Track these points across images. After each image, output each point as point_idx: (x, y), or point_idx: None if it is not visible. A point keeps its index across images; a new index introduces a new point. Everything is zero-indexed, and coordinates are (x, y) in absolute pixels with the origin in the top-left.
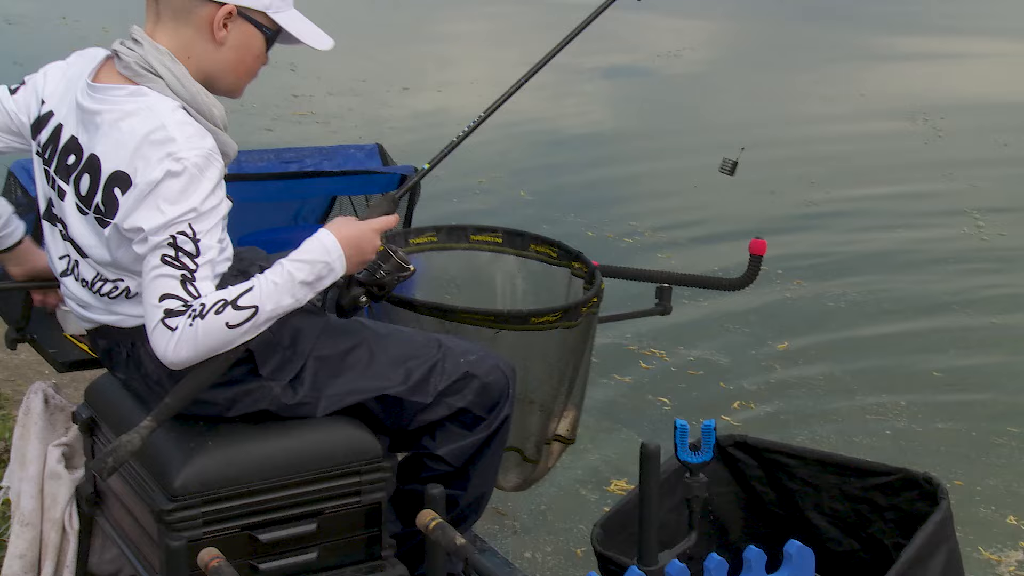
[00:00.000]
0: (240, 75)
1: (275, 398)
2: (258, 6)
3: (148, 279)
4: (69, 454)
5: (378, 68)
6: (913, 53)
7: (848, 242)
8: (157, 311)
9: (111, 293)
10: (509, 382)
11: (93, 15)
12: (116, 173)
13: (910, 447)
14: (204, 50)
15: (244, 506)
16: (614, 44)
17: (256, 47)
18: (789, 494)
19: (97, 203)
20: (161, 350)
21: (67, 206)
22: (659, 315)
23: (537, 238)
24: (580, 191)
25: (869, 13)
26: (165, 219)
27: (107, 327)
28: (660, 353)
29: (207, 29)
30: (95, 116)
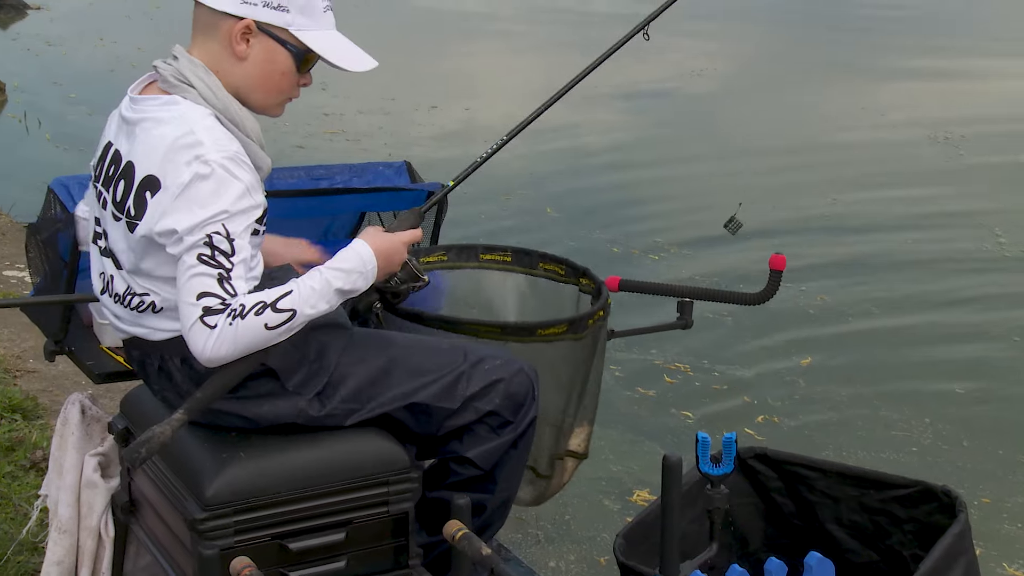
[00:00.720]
0: (269, 92)
1: (302, 411)
2: (279, 23)
3: (184, 278)
4: (105, 463)
5: (407, 87)
6: (934, 71)
7: (872, 259)
8: (195, 309)
9: (139, 307)
10: (533, 384)
11: (129, 36)
12: (147, 177)
13: (936, 463)
14: (229, 64)
15: (275, 515)
16: (638, 62)
17: (282, 63)
18: (809, 506)
19: (128, 207)
20: (199, 348)
21: (107, 215)
22: (680, 329)
23: (545, 256)
24: (605, 207)
25: (891, 31)
26: (198, 220)
27: (138, 339)
28: (684, 367)
29: (228, 44)
30: (134, 126)
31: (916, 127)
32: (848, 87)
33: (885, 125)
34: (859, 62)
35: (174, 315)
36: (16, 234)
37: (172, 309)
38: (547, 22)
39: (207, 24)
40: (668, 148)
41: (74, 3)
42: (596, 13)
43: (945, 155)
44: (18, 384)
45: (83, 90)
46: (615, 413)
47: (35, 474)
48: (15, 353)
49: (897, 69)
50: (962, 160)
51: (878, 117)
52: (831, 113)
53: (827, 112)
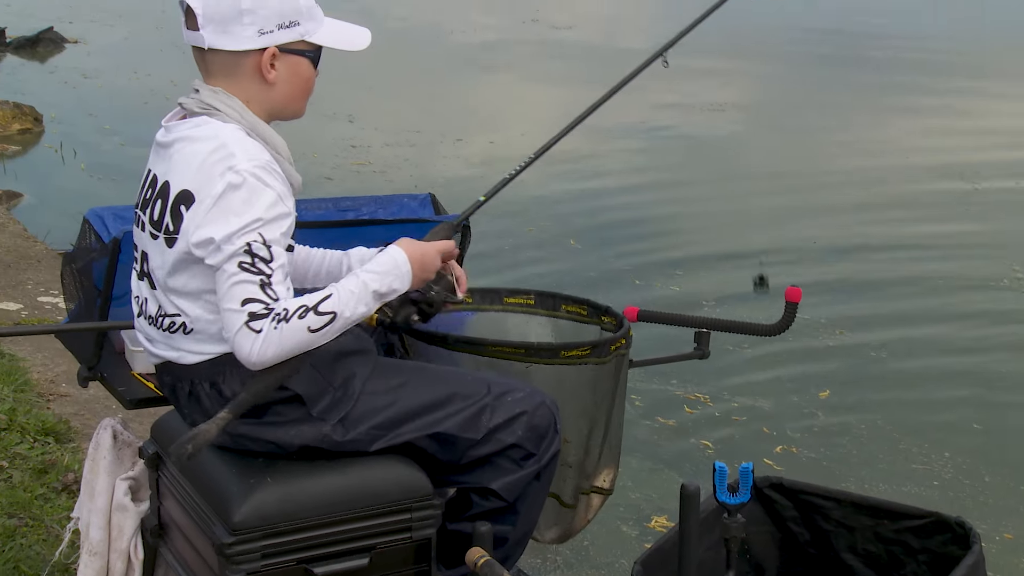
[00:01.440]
0: (298, 99)
1: (326, 436)
2: (295, 37)
3: (227, 286)
4: (135, 487)
5: (432, 119)
6: (953, 109)
7: (892, 294)
8: (240, 316)
9: (170, 328)
10: (555, 417)
11: (162, 69)
12: (182, 192)
13: (957, 498)
14: (261, 92)
15: (300, 540)
16: (656, 97)
17: (305, 71)
18: (824, 535)
19: (166, 223)
20: (245, 353)
21: (145, 236)
22: (698, 359)
23: (568, 299)
24: (627, 240)
25: (908, 68)
26: (234, 228)
27: (170, 363)
28: (704, 398)
29: (257, 75)
30: (168, 148)
31: (935, 163)
32: (866, 121)
33: (905, 160)
34: (877, 98)
35: (203, 337)
36: (51, 261)
37: (201, 331)
38: (570, 57)
39: (225, 65)
40: (689, 183)
41: (110, 38)
42: (619, 48)
43: (962, 190)
44: (51, 408)
45: (117, 122)
46: (635, 441)
47: (67, 496)
48: (48, 377)
49: (914, 105)
50: (979, 195)
51: (897, 153)
52: (849, 147)
53: (845, 146)
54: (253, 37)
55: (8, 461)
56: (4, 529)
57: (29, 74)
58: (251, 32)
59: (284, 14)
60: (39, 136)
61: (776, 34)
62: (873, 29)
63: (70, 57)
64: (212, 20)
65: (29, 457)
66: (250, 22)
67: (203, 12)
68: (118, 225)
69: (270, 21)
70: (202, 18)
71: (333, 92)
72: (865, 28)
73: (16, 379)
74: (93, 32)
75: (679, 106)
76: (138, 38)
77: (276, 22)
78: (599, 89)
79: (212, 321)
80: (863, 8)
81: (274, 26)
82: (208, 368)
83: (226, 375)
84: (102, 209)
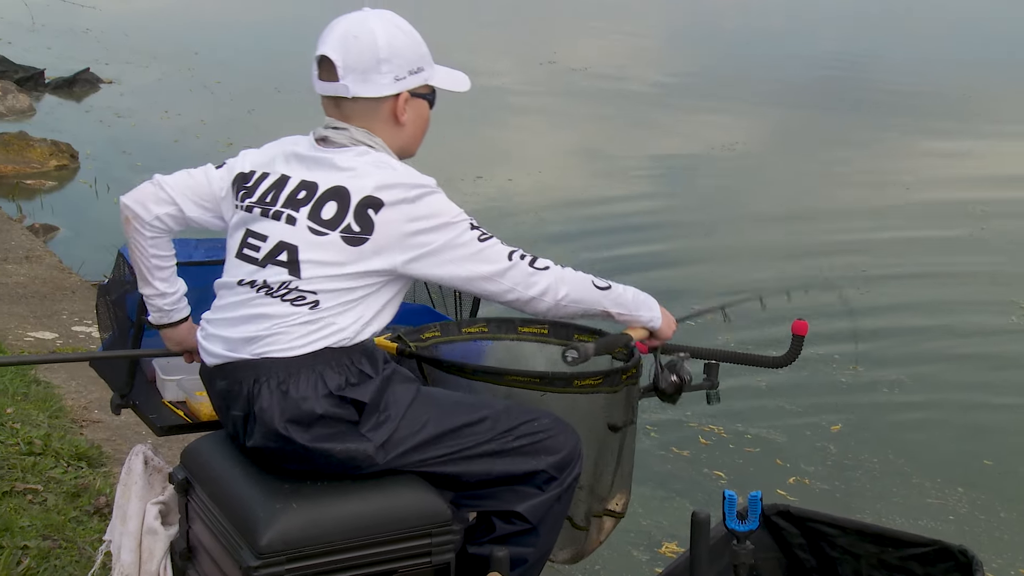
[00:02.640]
0: (419, 139)
1: (368, 455)
2: (421, 82)
3: (482, 255)
4: (165, 512)
5: (453, 157)
6: (956, 150)
7: (903, 331)
8: (520, 263)
9: (296, 300)
10: (578, 445)
11: (192, 109)
12: (367, 199)
13: (972, 533)
14: (392, 133)
15: (324, 564)
16: (669, 137)
17: (425, 112)
18: (830, 562)
19: (348, 223)
20: (542, 289)
21: (296, 231)
22: (707, 390)
23: (581, 329)
24: (644, 274)
25: (913, 109)
26: (454, 212)
27: (236, 365)
28: (719, 429)
29: (391, 118)
30: (329, 162)
31: (942, 200)
32: (874, 160)
33: (910, 197)
34: (883, 138)
35: (319, 324)
36: (85, 292)
37: (323, 318)
38: (584, 97)
39: (365, 111)
40: (702, 220)
41: (143, 79)
42: (629, 90)
43: (971, 229)
44: (84, 434)
45: (149, 159)
46: (648, 471)
47: (99, 519)
48: (82, 404)
49: (920, 145)
50: (987, 233)
51: (904, 190)
52: (860, 184)
53: (856, 183)
54: (390, 84)
55: (43, 485)
56: (39, 551)
57: (66, 113)
58: (388, 79)
59: (413, 61)
60: (75, 172)
61: (779, 77)
62: (873, 72)
63: (105, 97)
64: (353, 70)
65: (63, 481)
66: (387, 70)
67: (343, 63)
68: None
69: (403, 68)
70: (342, 69)
71: None
72: (864, 71)
73: (51, 406)
74: (127, 73)
75: (693, 145)
76: (170, 79)
77: (408, 68)
78: (611, 127)
79: (338, 313)
80: (864, 53)
81: (406, 72)
82: (282, 365)
83: (328, 367)
84: None
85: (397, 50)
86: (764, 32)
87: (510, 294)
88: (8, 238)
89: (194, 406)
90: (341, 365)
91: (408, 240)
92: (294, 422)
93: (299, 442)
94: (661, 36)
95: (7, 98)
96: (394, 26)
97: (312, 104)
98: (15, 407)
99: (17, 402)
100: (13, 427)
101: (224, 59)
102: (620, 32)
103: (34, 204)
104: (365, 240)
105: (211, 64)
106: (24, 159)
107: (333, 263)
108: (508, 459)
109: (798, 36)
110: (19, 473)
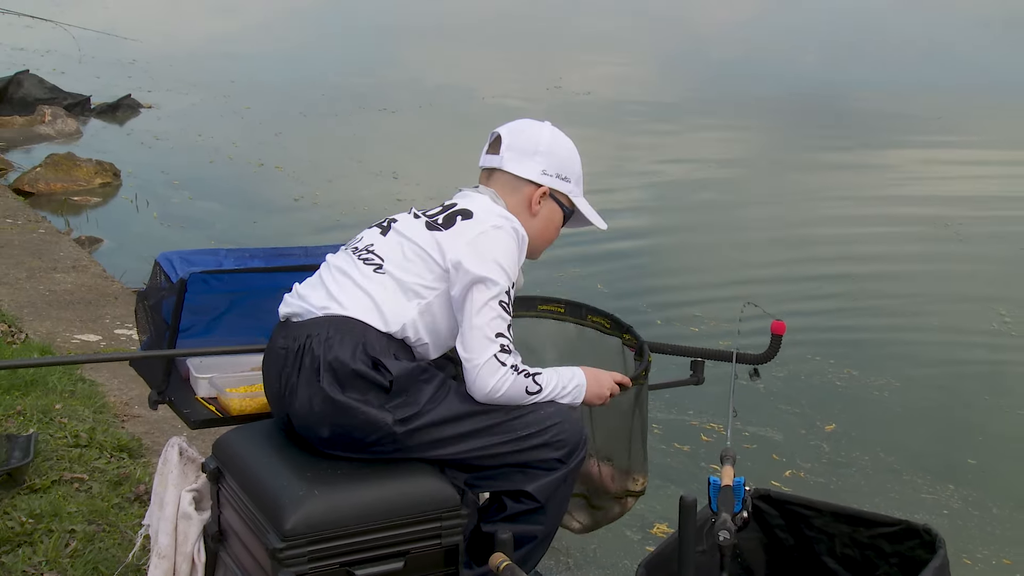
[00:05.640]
0: (545, 240)
1: (387, 427)
2: (564, 190)
3: (482, 311)
4: (199, 498)
5: (467, 176)
6: (929, 160)
7: (896, 335)
8: (493, 344)
9: (372, 265)
10: (583, 432)
11: (223, 132)
12: (464, 210)
13: (966, 527)
14: (523, 216)
15: (343, 546)
16: (660, 154)
17: (557, 221)
18: (807, 541)
19: (439, 220)
20: (484, 379)
21: (409, 219)
22: (694, 385)
23: (594, 310)
24: (651, 285)
25: (889, 125)
26: (498, 267)
27: (302, 323)
28: (719, 428)
29: (526, 202)
30: (467, 201)
31: (921, 214)
32: (853, 175)
33: (891, 211)
34: (862, 154)
35: (392, 292)
36: (126, 298)
37: (389, 287)
38: (589, 120)
39: (507, 184)
40: (699, 231)
41: (180, 104)
42: (630, 111)
43: (950, 240)
44: (125, 427)
45: (185, 178)
46: (650, 464)
47: (139, 506)
48: (123, 400)
49: (897, 159)
50: (964, 244)
51: (884, 203)
52: (842, 197)
53: (838, 196)
54: (536, 173)
55: (88, 474)
56: (85, 534)
57: (110, 135)
58: (537, 169)
59: (563, 169)
60: (117, 189)
61: (764, 98)
62: (850, 93)
63: (145, 121)
64: (512, 149)
65: (106, 471)
66: (540, 161)
67: (508, 142)
68: (185, 267)
69: (552, 168)
70: (505, 146)
71: (379, 153)
72: (841, 92)
73: (96, 402)
74: (167, 99)
75: (687, 162)
76: (203, 105)
77: (556, 171)
78: (613, 149)
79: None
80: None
81: (554, 173)
82: (340, 323)
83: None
84: (171, 253)
85: (555, 153)
86: (750, 57)
87: (463, 350)
88: (57, 249)
89: (225, 401)
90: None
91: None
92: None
93: (340, 401)
94: (653, 63)
95: (56, 122)
96: (563, 137)
97: (334, 126)
98: (63, 403)
99: (65, 399)
100: (61, 422)
101: (256, 86)
102: (616, 61)
103: (81, 219)
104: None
105: (244, 91)
106: (71, 177)
107: (423, 240)
108: (519, 449)
109: (779, 60)
110: (67, 463)
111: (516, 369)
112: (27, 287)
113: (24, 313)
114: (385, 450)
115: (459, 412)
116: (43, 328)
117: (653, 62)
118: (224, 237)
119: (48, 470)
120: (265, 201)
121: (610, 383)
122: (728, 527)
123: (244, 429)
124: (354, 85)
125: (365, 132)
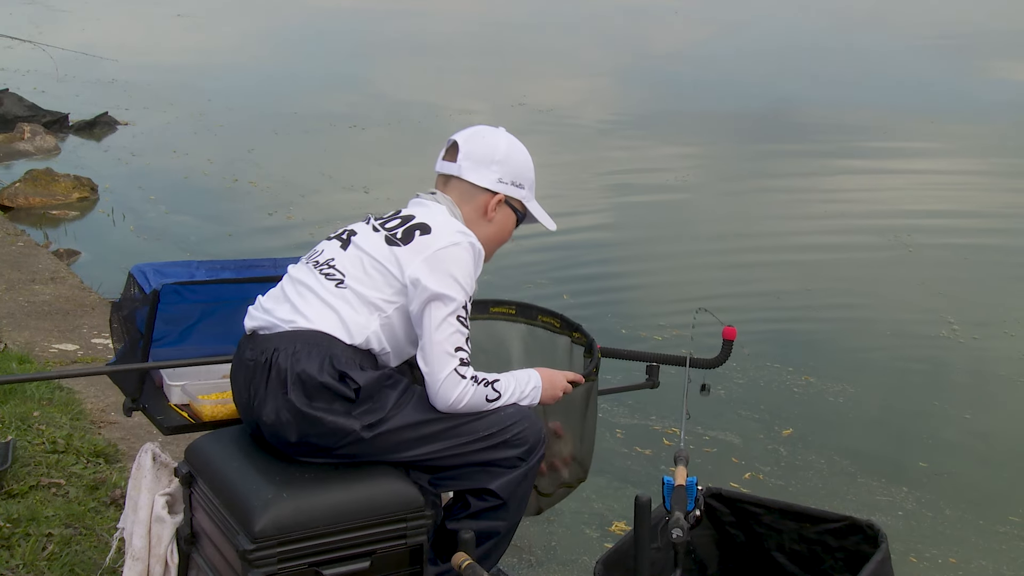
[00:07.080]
0: (496, 243)
1: (354, 433)
2: (519, 196)
3: (442, 325)
4: (172, 502)
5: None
6: (877, 169)
7: (849, 348)
8: (452, 359)
9: (332, 280)
10: (542, 432)
11: (198, 149)
12: (422, 224)
13: (919, 527)
14: (478, 224)
15: (312, 546)
16: (621, 166)
17: (510, 225)
18: (757, 537)
19: (398, 235)
20: (450, 395)
21: (375, 234)
22: (649, 388)
23: (544, 310)
24: (616, 294)
25: (839, 138)
26: (459, 282)
27: (268, 336)
28: (679, 432)
29: (482, 209)
30: (419, 210)
31: (873, 225)
32: (807, 185)
33: (843, 223)
34: (813, 166)
35: (354, 306)
36: (103, 309)
37: (351, 301)
38: (553, 136)
39: (464, 192)
40: (665, 242)
41: (156, 121)
42: (594, 128)
43: (898, 248)
44: (102, 433)
45: (160, 193)
46: (609, 465)
47: (114, 509)
48: (100, 407)
49: (846, 170)
50: (912, 253)
51: (839, 217)
52: (795, 208)
53: (791, 207)
54: (492, 181)
55: (65, 479)
56: (62, 537)
57: (87, 151)
58: (493, 177)
59: (519, 176)
60: (94, 203)
61: (716, 117)
62: (801, 108)
63: (121, 137)
64: (469, 158)
65: (83, 475)
66: (496, 170)
67: (466, 150)
68: (158, 279)
69: (508, 175)
70: (462, 154)
71: (350, 168)
72: (792, 107)
73: (73, 409)
74: (144, 117)
75: (644, 176)
76: (178, 122)
77: (512, 178)
78: (578, 164)
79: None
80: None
81: (509, 181)
82: (307, 337)
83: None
84: (145, 265)
85: (510, 161)
86: (706, 75)
87: (424, 364)
88: (36, 262)
89: (197, 408)
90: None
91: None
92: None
93: (307, 413)
94: (614, 80)
95: (35, 139)
96: (518, 144)
97: (305, 143)
98: (41, 411)
99: (43, 406)
100: (39, 428)
101: (231, 105)
102: (579, 77)
103: (59, 231)
104: (402, 249)
105: (219, 109)
106: (50, 192)
107: (379, 253)
108: (481, 448)
109: (733, 78)
110: (44, 469)
111: (476, 380)
112: (6, 298)
113: (3, 323)
114: (352, 454)
115: (423, 417)
116: (22, 338)
117: (613, 79)
118: (199, 250)
119: (26, 475)
120: (239, 215)
121: (563, 383)
122: (681, 525)
123: (215, 435)
124: (325, 103)
125: (336, 148)
